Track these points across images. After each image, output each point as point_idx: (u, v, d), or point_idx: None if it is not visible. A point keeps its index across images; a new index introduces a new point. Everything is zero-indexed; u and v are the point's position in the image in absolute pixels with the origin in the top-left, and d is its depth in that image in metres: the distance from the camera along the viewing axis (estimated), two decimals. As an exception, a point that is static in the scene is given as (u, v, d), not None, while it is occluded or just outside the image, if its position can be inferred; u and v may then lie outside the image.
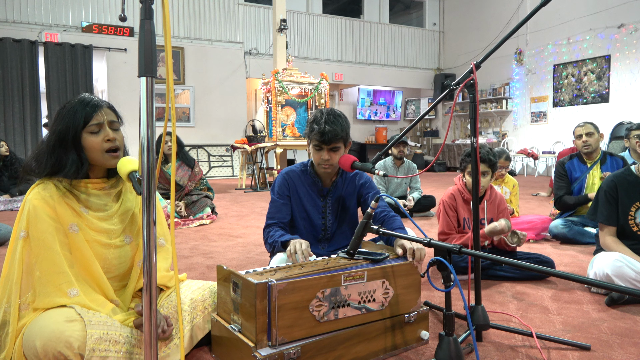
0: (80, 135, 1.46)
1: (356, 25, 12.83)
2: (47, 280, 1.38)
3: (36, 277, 1.38)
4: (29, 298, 1.38)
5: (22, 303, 1.37)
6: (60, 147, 1.46)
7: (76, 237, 1.45)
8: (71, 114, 1.46)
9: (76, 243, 1.44)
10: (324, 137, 1.98)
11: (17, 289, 1.38)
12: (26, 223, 1.40)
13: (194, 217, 4.71)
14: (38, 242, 1.39)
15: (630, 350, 1.72)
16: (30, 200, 1.41)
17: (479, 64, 1.67)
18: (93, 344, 1.31)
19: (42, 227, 1.39)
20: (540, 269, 1.17)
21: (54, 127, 1.47)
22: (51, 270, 1.38)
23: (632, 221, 2.38)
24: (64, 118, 1.47)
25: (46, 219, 1.40)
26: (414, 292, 1.76)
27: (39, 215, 1.40)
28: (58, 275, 1.39)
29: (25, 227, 1.40)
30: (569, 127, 10.04)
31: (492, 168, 2.68)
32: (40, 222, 1.39)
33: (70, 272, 1.41)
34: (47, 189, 1.44)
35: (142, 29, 1.05)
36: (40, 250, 1.38)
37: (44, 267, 1.38)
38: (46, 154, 1.47)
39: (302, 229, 2.20)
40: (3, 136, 8.45)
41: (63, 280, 1.39)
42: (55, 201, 1.43)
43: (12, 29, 8.93)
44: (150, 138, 1.08)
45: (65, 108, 1.49)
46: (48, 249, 1.39)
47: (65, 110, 1.48)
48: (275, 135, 8.20)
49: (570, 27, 10.30)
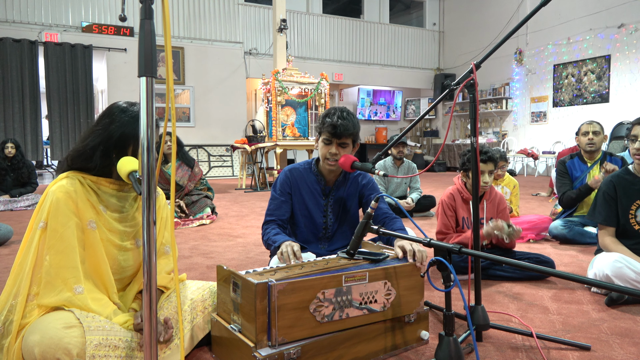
0: (138, 146, 1.47)
1: (356, 25, 12.83)
2: (56, 273, 1.38)
3: (45, 267, 1.38)
4: (34, 289, 1.38)
5: (29, 293, 1.38)
6: (118, 151, 1.48)
7: (92, 234, 1.46)
8: (133, 124, 1.48)
9: (91, 240, 1.46)
10: (336, 129, 2.00)
11: (28, 279, 1.38)
12: (47, 214, 1.40)
13: (194, 217, 4.71)
14: (55, 234, 1.39)
15: (630, 350, 1.72)
16: (55, 192, 1.42)
17: (479, 64, 1.67)
18: (92, 350, 1.30)
19: (63, 220, 1.40)
20: (540, 269, 1.17)
21: (112, 129, 1.48)
22: (62, 264, 1.39)
23: (634, 220, 2.38)
24: (125, 125, 1.48)
25: (68, 213, 1.41)
26: (417, 294, 1.75)
27: (61, 208, 1.41)
28: (69, 270, 1.39)
29: (45, 218, 1.40)
30: (569, 127, 10.06)
31: (495, 166, 2.72)
32: (61, 215, 1.40)
33: (81, 268, 1.42)
34: (72, 183, 1.45)
35: (142, 29, 1.05)
36: (55, 242, 1.39)
37: (55, 260, 1.38)
38: (99, 150, 1.48)
39: (303, 227, 2.20)
40: (3, 136, 8.44)
41: (72, 275, 1.39)
42: (78, 196, 1.45)
43: (12, 29, 8.93)
44: (150, 138, 1.08)
45: (125, 115, 1.50)
46: (65, 243, 1.39)
47: (125, 118, 1.49)
48: (275, 135, 8.20)
49: (570, 27, 10.30)
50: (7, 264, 3.05)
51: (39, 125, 9.16)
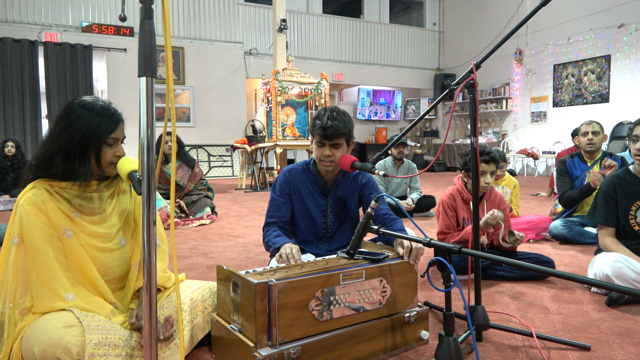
0: (101, 146, 1.44)
1: (356, 25, 12.83)
2: (44, 284, 1.36)
3: (33, 281, 1.36)
4: (26, 302, 1.36)
5: (19, 307, 1.36)
6: (79, 154, 1.42)
7: (70, 242, 1.43)
8: (95, 123, 1.42)
9: (71, 247, 1.42)
10: (326, 132, 1.98)
11: (12, 294, 1.36)
12: (19, 229, 1.37)
13: (194, 217, 4.71)
14: (33, 248, 1.37)
15: (630, 350, 1.72)
16: (22, 205, 1.38)
17: (479, 64, 1.67)
18: (92, 349, 1.30)
19: (34, 232, 1.37)
20: (540, 269, 1.17)
21: (71, 131, 1.42)
22: (46, 275, 1.37)
23: (633, 220, 2.38)
24: (86, 125, 1.42)
25: (39, 224, 1.38)
26: (411, 290, 1.77)
27: (31, 221, 1.37)
28: (53, 280, 1.37)
29: (19, 233, 1.37)
30: (569, 127, 10.03)
31: (497, 167, 2.72)
32: (33, 228, 1.37)
33: (65, 276, 1.40)
34: (39, 194, 1.40)
35: (142, 29, 1.05)
36: (35, 257, 1.37)
37: (40, 272, 1.36)
38: (59, 156, 1.42)
39: (303, 227, 2.20)
40: (3, 136, 8.44)
41: (58, 285, 1.38)
42: (47, 206, 1.40)
43: (12, 29, 8.93)
44: (150, 138, 1.08)
45: (86, 112, 1.43)
46: (42, 255, 1.37)
47: (86, 116, 1.43)
48: (275, 135, 8.20)
49: (570, 27, 10.30)
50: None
51: (39, 125, 9.15)
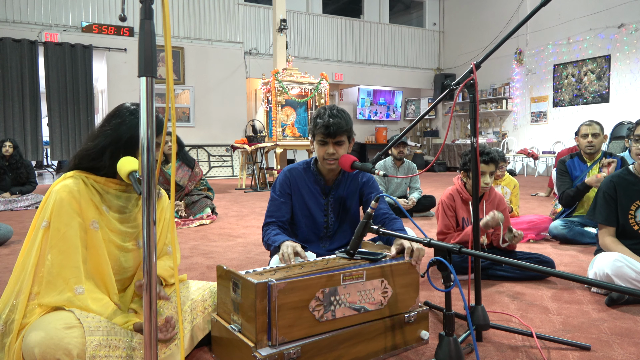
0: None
1: (356, 25, 12.83)
2: (58, 272, 1.38)
3: (46, 266, 1.38)
4: (35, 288, 1.38)
5: (31, 292, 1.38)
6: (124, 154, 1.47)
7: (95, 235, 1.46)
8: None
9: (93, 240, 1.46)
10: (329, 129, 1.99)
11: (30, 278, 1.38)
12: (50, 213, 1.40)
13: (194, 217, 4.71)
14: (58, 233, 1.39)
15: (630, 350, 1.72)
16: (58, 191, 1.42)
17: (479, 64, 1.67)
18: (93, 351, 1.31)
19: (66, 219, 1.40)
20: (540, 269, 1.17)
21: (122, 130, 1.49)
22: (64, 264, 1.39)
23: (633, 220, 2.38)
24: (135, 127, 1.48)
25: (71, 212, 1.42)
26: (413, 291, 1.76)
27: (64, 207, 1.41)
28: (70, 270, 1.39)
29: (48, 217, 1.40)
30: (569, 127, 10.05)
31: (496, 167, 2.71)
32: (64, 215, 1.40)
33: (82, 268, 1.42)
34: (76, 183, 1.45)
35: (142, 29, 1.05)
36: (57, 242, 1.39)
37: (57, 259, 1.38)
38: (108, 152, 1.48)
39: (304, 227, 2.20)
40: (3, 136, 8.44)
41: (73, 275, 1.39)
42: (81, 196, 1.45)
43: (12, 29, 8.93)
44: (150, 138, 1.08)
45: (136, 116, 1.51)
46: (67, 242, 1.39)
47: (135, 119, 1.50)
48: (275, 135, 8.20)
49: (570, 27, 10.30)
50: (7, 264, 3.05)
51: (38, 125, 9.16)
